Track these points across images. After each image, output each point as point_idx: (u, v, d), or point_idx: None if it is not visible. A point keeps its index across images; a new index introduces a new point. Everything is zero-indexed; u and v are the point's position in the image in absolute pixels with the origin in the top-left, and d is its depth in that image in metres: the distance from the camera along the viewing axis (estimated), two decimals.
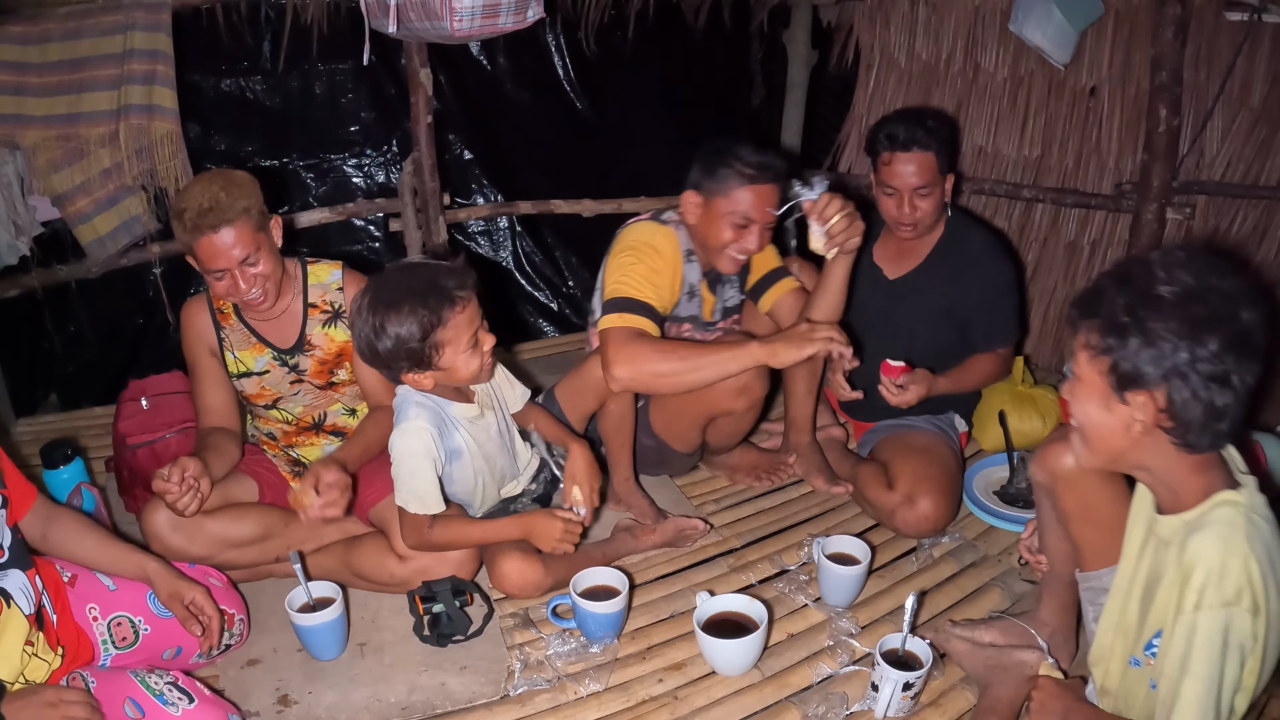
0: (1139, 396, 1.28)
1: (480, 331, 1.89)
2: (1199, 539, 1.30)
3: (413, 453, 1.93)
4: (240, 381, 2.17)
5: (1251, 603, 1.27)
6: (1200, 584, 1.28)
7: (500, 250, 4.05)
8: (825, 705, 1.81)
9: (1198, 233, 3.05)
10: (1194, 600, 1.28)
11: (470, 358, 1.87)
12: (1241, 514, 1.31)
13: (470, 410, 2.04)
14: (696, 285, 2.42)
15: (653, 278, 2.23)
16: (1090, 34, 3.07)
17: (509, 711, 1.85)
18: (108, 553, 1.80)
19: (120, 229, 3.12)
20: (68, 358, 3.56)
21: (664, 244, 2.29)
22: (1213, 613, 1.26)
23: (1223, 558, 1.27)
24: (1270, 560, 1.30)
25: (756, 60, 4.31)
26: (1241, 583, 1.26)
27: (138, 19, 2.90)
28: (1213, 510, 1.33)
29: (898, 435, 2.46)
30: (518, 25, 2.77)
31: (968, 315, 2.41)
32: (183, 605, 1.77)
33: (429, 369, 1.86)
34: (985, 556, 2.31)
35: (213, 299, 2.14)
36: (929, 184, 2.31)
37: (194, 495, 1.93)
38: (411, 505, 1.97)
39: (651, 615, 2.13)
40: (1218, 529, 1.30)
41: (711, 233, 2.25)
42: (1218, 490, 1.34)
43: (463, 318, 1.83)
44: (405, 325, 1.79)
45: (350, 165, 3.78)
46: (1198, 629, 1.27)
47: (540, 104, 3.93)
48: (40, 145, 2.93)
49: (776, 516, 2.51)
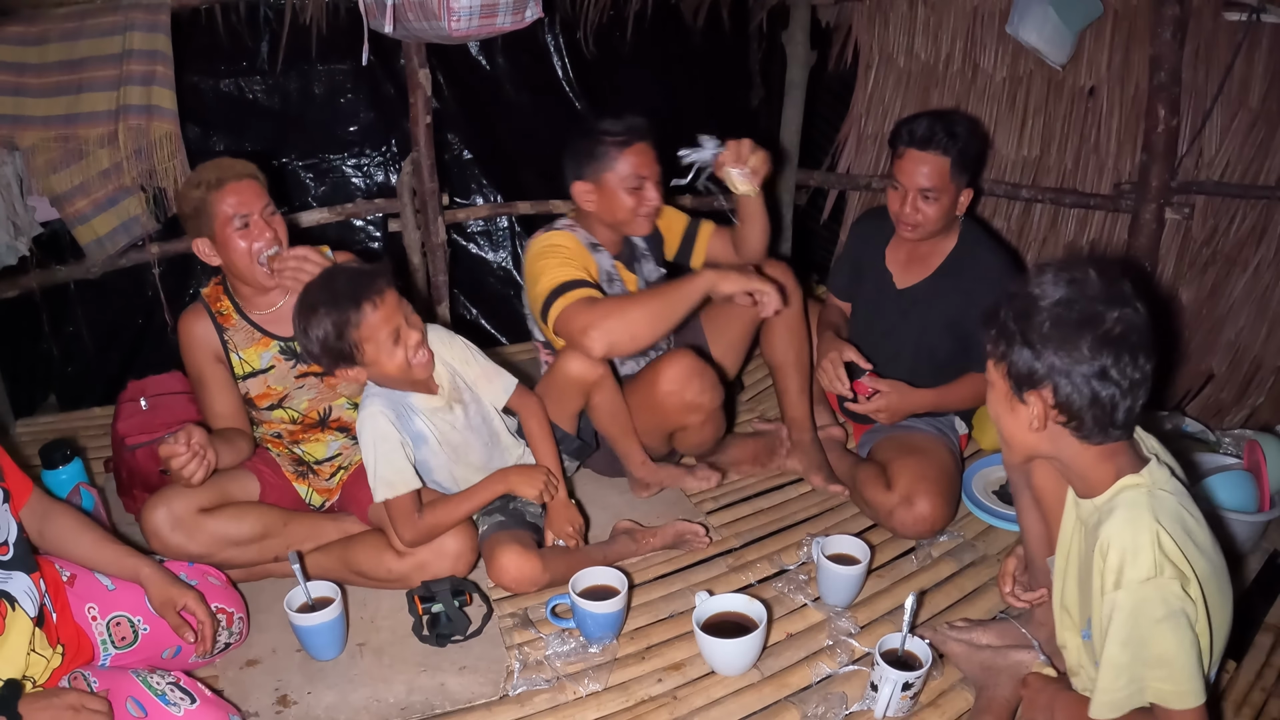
0: (1031, 395, 1.42)
1: (403, 327, 1.97)
2: (1108, 525, 1.41)
3: (371, 440, 2.03)
4: (246, 383, 2.17)
5: (1175, 571, 1.35)
6: (1116, 565, 1.38)
7: (499, 250, 4.04)
8: (824, 705, 1.81)
9: (1196, 233, 3.05)
10: (1113, 580, 1.39)
11: (394, 352, 1.95)
12: (1144, 493, 1.42)
13: (433, 401, 2.11)
14: (613, 271, 2.49)
15: (571, 262, 2.33)
16: (1089, 34, 3.07)
17: (508, 711, 1.85)
18: (103, 553, 1.79)
19: (119, 230, 3.12)
20: (66, 358, 3.56)
21: (565, 241, 2.38)
22: (1131, 590, 1.36)
23: (1133, 537, 1.38)
24: (1185, 529, 1.40)
25: (755, 60, 4.31)
26: (1158, 558, 1.36)
27: (136, 19, 2.90)
28: (1117, 495, 1.44)
29: (896, 436, 2.46)
30: (516, 25, 2.77)
31: (971, 331, 2.35)
32: (175, 612, 1.77)
33: (355, 365, 1.97)
34: (984, 556, 2.31)
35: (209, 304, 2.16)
36: (936, 188, 2.28)
37: (200, 462, 1.94)
38: (383, 492, 2.02)
39: (650, 615, 2.13)
40: (1123, 512, 1.41)
41: (614, 207, 2.37)
42: (1125, 473, 1.45)
43: (377, 316, 1.92)
44: (321, 326, 1.91)
45: (349, 165, 3.77)
46: (1119, 605, 1.37)
47: (539, 104, 3.92)
48: (39, 146, 2.93)
49: (775, 516, 2.51)
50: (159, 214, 3.16)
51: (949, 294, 2.40)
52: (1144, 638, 1.37)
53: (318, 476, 2.32)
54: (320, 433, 2.27)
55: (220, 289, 2.19)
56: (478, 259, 4.02)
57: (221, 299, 2.18)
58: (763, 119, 4.31)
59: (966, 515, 2.46)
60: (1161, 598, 1.35)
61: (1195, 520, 1.44)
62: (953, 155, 2.26)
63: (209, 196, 2.03)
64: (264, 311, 2.17)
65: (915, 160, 2.28)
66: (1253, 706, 1.81)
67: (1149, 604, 1.35)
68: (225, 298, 2.18)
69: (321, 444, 2.28)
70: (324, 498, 2.35)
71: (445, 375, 2.16)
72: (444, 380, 2.15)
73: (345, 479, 2.34)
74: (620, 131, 2.34)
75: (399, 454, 2.03)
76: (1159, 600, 1.35)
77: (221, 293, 2.19)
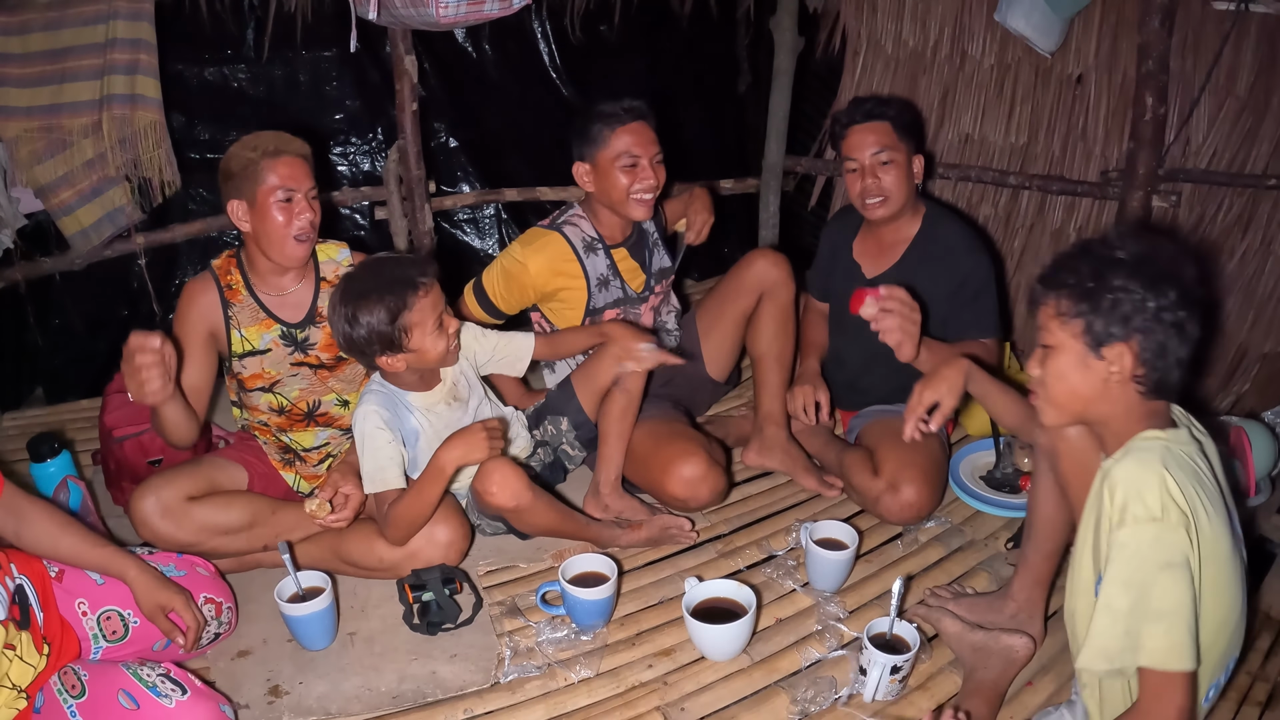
0: (1114, 349, 1.42)
1: (445, 315, 2.04)
2: (1119, 465, 1.42)
3: (364, 435, 2.05)
4: (242, 361, 2.16)
5: (1180, 516, 1.35)
6: (1121, 502, 1.38)
7: (486, 238, 4.04)
8: (814, 689, 1.83)
9: (1183, 220, 3.06)
10: (1117, 518, 1.38)
11: (437, 339, 2.02)
12: (1160, 444, 1.43)
13: (429, 398, 2.14)
14: (607, 273, 2.49)
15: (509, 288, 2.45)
16: (1077, 22, 3.07)
17: (499, 699, 1.86)
18: (87, 554, 1.76)
19: (104, 220, 3.10)
20: (53, 351, 3.54)
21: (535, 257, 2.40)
22: (1137, 529, 1.36)
23: (1141, 476, 1.38)
24: (1197, 486, 1.40)
25: (743, 47, 4.30)
26: (1164, 499, 1.36)
27: (120, 8, 2.88)
28: (1133, 442, 1.46)
29: (883, 421, 2.47)
30: (503, 12, 2.76)
31: (946, 310, 2.38)
32: (164, 617, 1.77)
33: (400, 351, 2.00)
34: (972, 541, 2.33)
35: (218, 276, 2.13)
36: (887, 148, 2.32)
37: (163, 372, 1.82)
38: (370, 486, 2.05)
39: (640, 601, 2.14)
40: (1134, 455, 1.42)
41: (609, 186, 2.39)
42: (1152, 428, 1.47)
43: (426, 302, 1.98)
44: (375, 312, 1.95)
45: (335, 153, 3.76)
46: (1125, 544, 1.37)
47: (526, 91, 3.91)
48: (22, 137, 2.91)
49: (764, 502, 2.52)
50: (144, 204, 3.14)
51: (918, 275, 2.38)
52: (1145, 583, 1.35)
53: (305, 464, 2.31)
54: (307, 426, 2.26)
55: (232, 262, 2.16)
56: (464, 246, 4.01)
57: (233, 272, 2.15)
58: (750, 106, 4.31)
59: (954, 500, 2.47)
60: (1166, 542, 1.35)
61: (1210, 485, 1.45)
62: (891, 118, 2.35)
63: (261, 162, 2.01)
64: (274, 294, 2.16)
65: (860, 133, 2.35)
66: (1238, 689, 1.83)
67: (1152, 546, 1.35)
68: (236, 271, 2.15)
69: (309, 433, 2.28)
70: (312, 485, 2.34)
71: (449, 373, 2.19)
72: (446, 376, 2.19)
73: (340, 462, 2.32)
74: (614, 110, 2.36)
75: (384, 452, 2.04)
76: (1162, 544, 1.34)
77: (234, 265, 2.15)
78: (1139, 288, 1.39)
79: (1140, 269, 1.40)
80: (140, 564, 1.79)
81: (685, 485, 2.30)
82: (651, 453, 2.35)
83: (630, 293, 2.54)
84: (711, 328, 2.67)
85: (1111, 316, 1.41)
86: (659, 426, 2.41)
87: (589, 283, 2.45)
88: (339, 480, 2.09)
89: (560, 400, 2.40)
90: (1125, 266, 1.41)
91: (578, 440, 2.40)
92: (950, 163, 3.47)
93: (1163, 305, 1.38)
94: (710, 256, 4.13)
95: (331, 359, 2.21)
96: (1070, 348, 1.46)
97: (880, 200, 2.36)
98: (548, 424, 2.39)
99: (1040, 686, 1.85)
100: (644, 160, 2.36)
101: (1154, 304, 1.39)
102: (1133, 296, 1.39)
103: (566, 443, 2.40)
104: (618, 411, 2.33)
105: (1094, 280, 1.42)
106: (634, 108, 2.38)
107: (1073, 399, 1.50)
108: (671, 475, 2.30)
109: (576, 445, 2.41)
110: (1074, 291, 1.45)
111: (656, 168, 2.39)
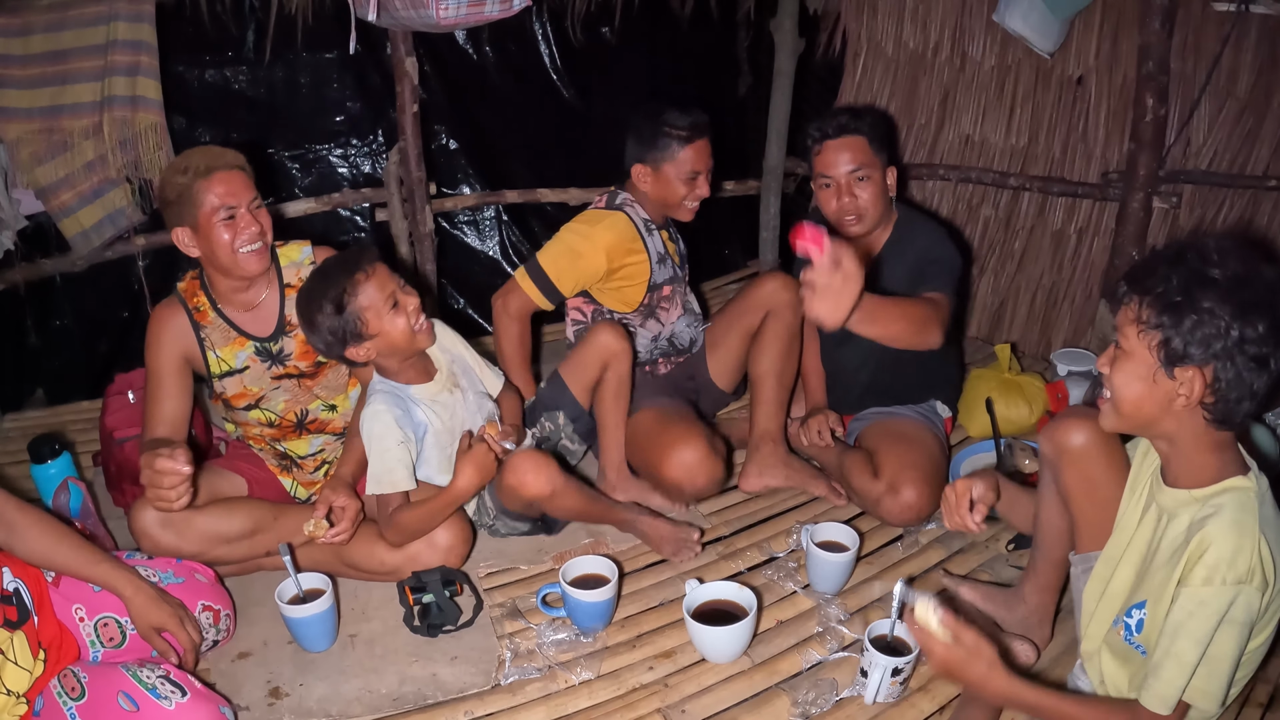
0: (1187, 372, 1.35)
1: (398, 293, 2.02)
2: (1215, 522, 1.37)
3: (373, 435, 2.05)
4: (222, 382, 2.14)
5: (1262, 580, 1.35)
6: (1213, 562, 1.35)
7: (487, 240, 4.03)
8: (815, 691, 1.83)
9: (1183, 222, 3.06)
10: (1204, 575, 1.36)
11: (395, 317, 2.00)
12: (1254, 498, 1.39)
13: (431, 389, 2.15)
14: (664, 250, 2.59)
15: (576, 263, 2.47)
16: (1078, 23, 3.08)
17: (500, 701, 1.85)
18: (83, 569, 1.74)
19: (105, 221, 3.10)
20: (53, 352, 3.54)
21: (603, 234, 2.46)
22: (1223, 589, 1.34)
23: (1238, 540, 1.35)
24: (1277, 540, 1.38)
25: (743, 49, 4.30)
26: (1254, 564, 1.34)
27: (120, 10, 2.88)
28: (1226, 493, 1.41)
29: (882, 423, 2.47)
30: (504, 13, 2.76)
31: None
32: (160, 637, 1.76)
33: (362, 339, 2.00)
34: (972, 543, 2.32)
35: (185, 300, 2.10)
36: (863, 166, 2.30)
37: (186, 490, 1.88)
38: (375, 487, 2.04)
39: (641, 603, 2.14)
40: (1232, 513, 1.37)
41: (668, 193, 2.49)
42: (1231, 473, 1.42)
43: (370, 285, 1.98)
44: (324, 308, 1.96)
45: (336, 155, 3.76)
46: (1207, 603, 1.35)
47: (526, 93, 3.91)
48: (23, 138, 2.91)
49: (765, 504, 2.52)
50: (144, 206, 3.14)
51: (891, 281, 2.35)
52: (1216, 634, 1.36)
53: (301, 470, 2.31)
54: (299, 435, 2.26)
55: (196, 284, 2.12)
56: (465, 248, 4.01)
57: (198, 294, 2.11)
58: (751, 107, 4.31)
59: None
60: (1244, 603, 1.34)
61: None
62: (865, 132, 2.32)
63: (195, 184, 1.96)
64: (241, 311, 2.12)
65: (835, 149, 2.31)
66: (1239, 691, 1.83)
67: (1231, 606, 1.35)
68: (202, 293, 2.11)
69: (303, 441, 2.27)
70: (309, 491, 2.34)
71: (443, 359, 2.20)
72: (442, 364, 2.19)
73: (331, 473, 2.32)
74: (684, 125, 2.43)
75: (393, 454, 2.03)
76: (1241, 604, 1.34)
77: (198, 288, 2.12)
78: (1227, 314, 1.30)
79: (1233, 293, 1.31)
80: (136, 581, 1.77)
81: (684, 470, 2.32)
82: (653, 437, 2.39)
83: (678, 272, 2.65)
84: (719, 341, 2.70)
85: (1192, 337, 1.33)
86: (663, 413, 2.45)
87: (651, 259, 2.53)
88: (331, 496, 2.06)
89: (553, 395, 2.41)
90: (1218, 288, 1.31)
91: (576, 434, 2.43)
92: (951, 164, 3.47)
93: (1248, 337, 1.30)
94: (712, 258, 4.14)
95: (310, 366, 2.19)
96: (1142, 358, 1.39)
97: (855, 218, 2.34)
98: (544, 420, 2.41)
99: None
100: (704, 174, 2.47)
101: (1238, 333, 1.30)
102: (1218, 322, 1.31)
103: (566, 437, 2.42)
104: (611, 396, 2.38)
105: (1182, 294, 1.33)
106: (702, 124, 2.46)
107: (1136, 411, 1.44)
108: (670, 459, 2.32)
109: (576, 439, 2.43)
110: (1159, 301, 1.36)
111: (709, 180, 2.51)
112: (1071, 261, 3.34)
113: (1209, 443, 1.42)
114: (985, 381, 2.74)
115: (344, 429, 2.28)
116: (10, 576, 1.66)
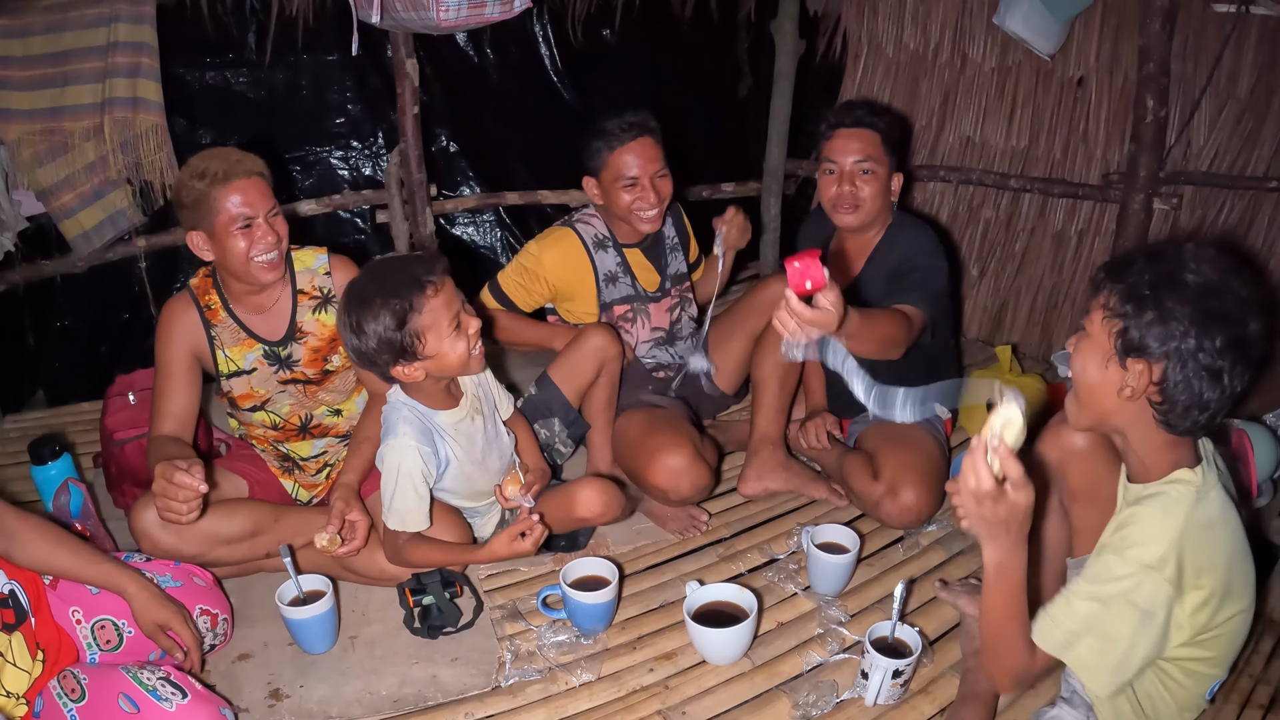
0: (1138, 365, 1.36)
1: (462, 314, 1.89)
2: (1147, 505, 1.41)
3: (397, 470, 1.95)
4: (230, 382, 2.14)
5: (1174, 574, 1.35)
6: (1130, 537, 1.39)
7: (487, 241, 4.04)
8: (815, 693, 1.82)
9: (1184, 223, 3.06)
10: (1119, 545, 1.40)
11: (455, 341, 1.87)
12: (1191, 493, 1.40)
13: (456, 414, 2.05)
14: (617, 270, 2.54)
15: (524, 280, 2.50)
16: (1078, 24, 3.08)
17: (500, 702, 1.85)
18: (84, 571, 1.74)
19: (106, 223, 3.10)
20: (54, 354, 3.54)
21: (550, 251, 2.47)
22: (1131, 566, 1.36)
23: (1159, 529, 1.37)
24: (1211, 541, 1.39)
25: (743, 50, 4.31)
26: (1167, 554, 1.35)
27: (122, 11, 2.88)
28: (1167, 485, 1.42)
29: (882, 425, 2.45)
30: (504, 15, 2.76)
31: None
32: (164, 634, 1.76)
33: (415, 359, 1.86)
34: (973, 545, 2.32)
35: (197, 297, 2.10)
36: (870, 159, 2.29)
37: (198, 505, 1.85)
38: (392, 522, 2.00)
39: (641, 605, 2.14)
40: (1164, 501, 1.40)
41: (614, 203, 2.42)
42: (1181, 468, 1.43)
43: (437, 301, 1.83)
44: (380, 319, 1.80)
45: (336, 157, 3.76)
46: (1113, 569, 1.38)
47: (527, 95, 3.91)
48: (24, 139, 2.91)
49: (765, 505, 2.52)
50: (145, 207, 3.14)
51: (878, 285, 2.35)
52: (1109, 605, 1.37)
53: (304, 472, 2.31)
54: (302, 439, 2.25)
55: (209, 281, 2.12)
56: (466, 249, 4.01)
57: (210, 293, 2.11)
58: (751, 109, 4.32)
59: None
60: (1148, 589, 1.35)
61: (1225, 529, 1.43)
62: (880, 129, 2.31)
63: (212, 191, 1.92)
64: (252, 313, 2.12)
65: (846, 137, 2.31)
66: (1240, 693, 1.82)
67: (1135, 585, 1.35)
68: (214, 291, 2.11)
69: (306, 444, 2.27)
70: (310, 493, 2.34)
71: (469, 384, 2.11)
72: (468, 389, 2.10)
73: (335, 476, 2.32)
74: (613, 129, 2.35)
75: (413, 496, 1.96)
76: (1146, 590, 1.35)
77: (210, 286, 2.12)
78: (1187, 318, 1.30)
79: (1200, 300, 1.31)
80: (139, 580, 1.77)
81: (668, 475, 2.29)
82: (640, 441, 2.35)
83: (641, 291, 2.58)
84: (722, 342, 2.68)
85: (1148, 332, 1.33)
86: (651, 416, 2.42)
87: (597, 278, 2.49)
88: (344, 508, 2.02)
89: (545, 399, 2.38)
90: (1186, 291, 1.31)
91: (569, 439, 2.42)
92: (952, 166, 3.47)
93: (1204, 346, 1.30)
94: None
95: (317, 374, 2.18)
96: (1100, 343, 1.41)
97: (852, 209, 2.33)
98: (539, 427, 2.38)
99: (1041, 690, 1.84)
100: (644, 179, 2.36)
101: (1194, 340, 1.30)
102: (1177, 324, 1.31)
103: (559, 442, 2.41)
104: (605, 399, 2.40)
105: (1150, 289, 1.34)
106: (635, 123, 2.36)
107: (1092, 398, 1.46)
108: (655, 464, 2.29)
109: (568, 444, 2.43)
110: (1126, 291, 1.37)
111: (659, 183, 2.39)
112: (1072, 263, 3.34)
113: (1161, 442, 1.43)
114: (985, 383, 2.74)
115: (348, 432, 2.27)
116: (5, 579, 1.66)
